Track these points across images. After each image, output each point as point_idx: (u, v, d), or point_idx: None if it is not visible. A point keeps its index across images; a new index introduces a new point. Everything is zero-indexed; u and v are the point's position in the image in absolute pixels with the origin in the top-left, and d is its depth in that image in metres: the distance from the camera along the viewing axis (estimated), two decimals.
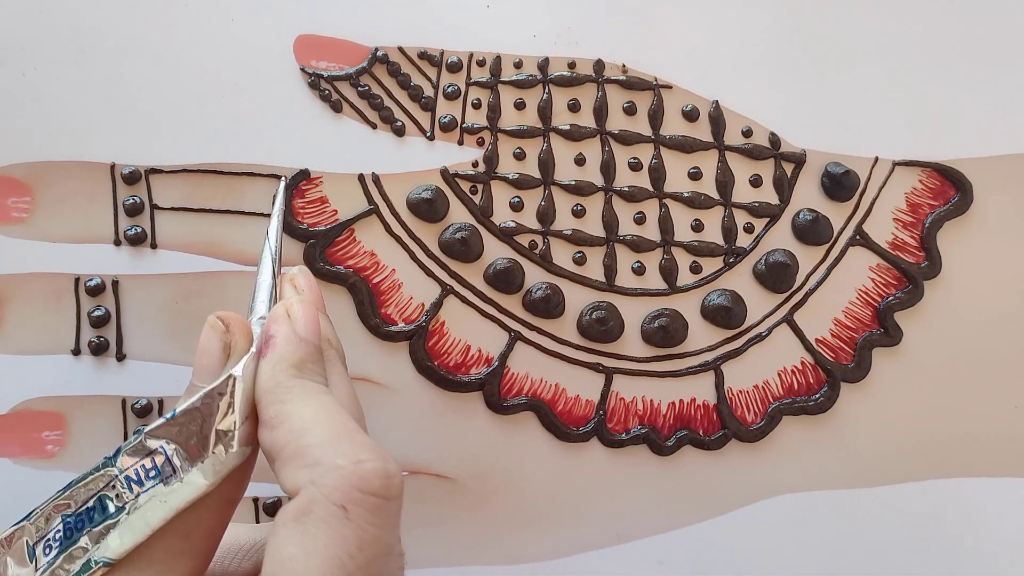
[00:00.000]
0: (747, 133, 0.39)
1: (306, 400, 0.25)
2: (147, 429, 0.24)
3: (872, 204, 0.40)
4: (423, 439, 0.37)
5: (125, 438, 0.36)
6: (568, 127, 0.39)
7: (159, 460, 0.24)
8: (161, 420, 0.24)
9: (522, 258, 0.38)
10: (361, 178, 0.38)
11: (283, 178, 0.35)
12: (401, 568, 0.25)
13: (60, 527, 0.24)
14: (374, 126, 0.38)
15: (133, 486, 0.24)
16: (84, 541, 0.23)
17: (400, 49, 0.38)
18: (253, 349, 0.26)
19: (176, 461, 0.24)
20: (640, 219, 0.39)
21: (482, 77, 0.39)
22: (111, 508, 0.24)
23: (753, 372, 0.39)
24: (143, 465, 0.24)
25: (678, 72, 0.39)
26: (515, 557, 0.37)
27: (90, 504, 0.24)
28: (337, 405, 0.25)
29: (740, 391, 0.38)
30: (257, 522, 0.37)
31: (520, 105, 0.39)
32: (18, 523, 0.24)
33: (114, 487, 0.24)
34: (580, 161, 0.39)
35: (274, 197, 0.32)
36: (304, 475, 0.23)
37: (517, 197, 0.38)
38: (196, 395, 0.25)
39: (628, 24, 0.39)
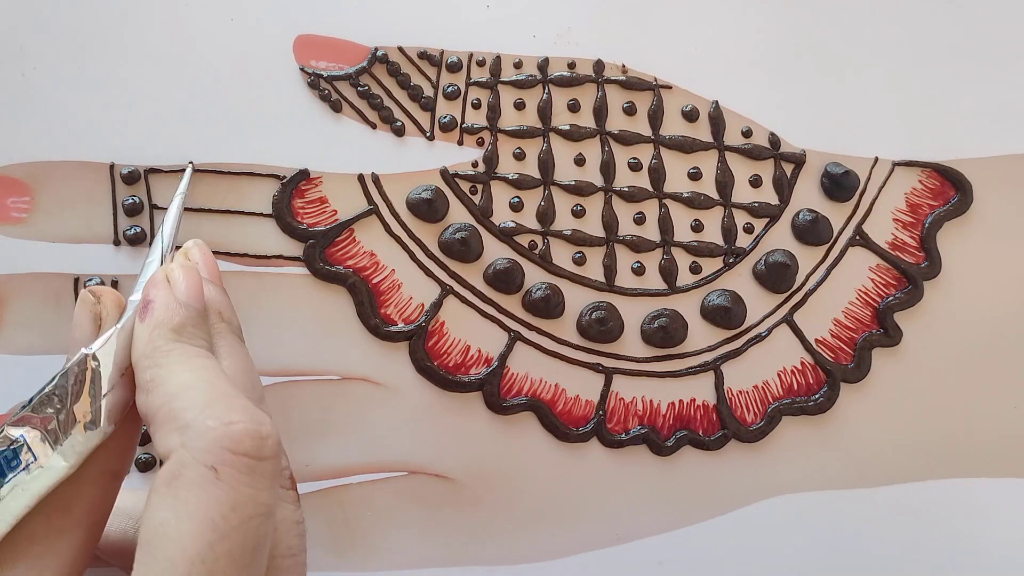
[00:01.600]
0: (747, 133, 0.39)
1: (183, 363, 0.25)
2: (8, 420, 0.24)
3: (872, 204, 0.40)
4: (422, 439, 0.37)
5: None
6: (568, 127, 0.39)
7: (20, 449, 0.24)
8: (21, 409, 0.25)
9: (522, 258, 0.38)
10: (361, 178, 0.38)
11: (190, 164, 0.35)
12: (299, 535, 0.25)
13: None
14: (374, 126, 0.38)
15: None
16: None
17: (400, 49, 0.38)
18: (121, 321, 0.26)
19: (37, 448, 0.24)
20: (640, 219, 0.39)
21: (482, 77, 0.39)
22: None
23: (753, 372, 0.39)
24: (4, 456, 0.24)
25: (678, 72, 0.39)
26: (515, 557, 0.37)
27: None
28: (216, 369, 0.25)
29: (740, 391, 0.38)
30: None
31: (520, 105, 0.39)
32: None
33: None
34: (580, 161, 0.39)
35: (181, 178, 0.33)
36: (175, 438, 0.22)
37: (517, 197, 0.38)
38: (52, 379, 0.25)
39: (628, 24, 0.39)
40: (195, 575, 0.21)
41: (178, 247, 0.31)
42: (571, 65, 0.39)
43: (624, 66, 0.39)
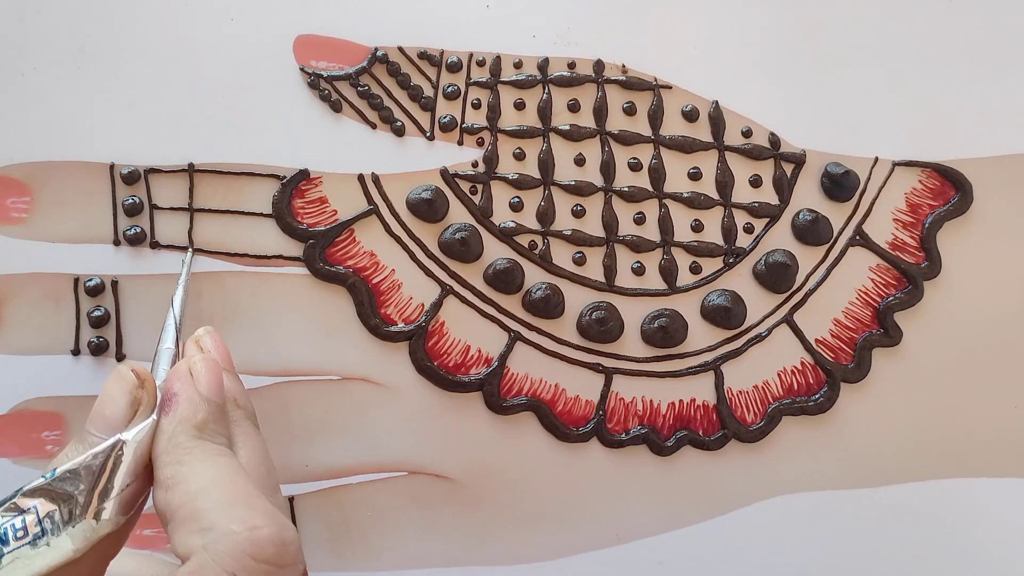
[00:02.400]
0: (747, 133, 0.39)
1: (204, 462, 0.25)
2: (25, 488, 0.24)
3: (872, 204, 0.40)
4: (423, 439, 0.37)
5: None
6: (568, 127, 0.39)
7: (30, 519, 0.24)
8: (41, 478, 0.24)
9: (522, 258, 0.38)
10: (361, 178, 0.38)
11: (189, 250, 0.35)
12: None
13: None
14: (374, 126, 0.38)
15: (0, 546, 0.23)
16: None
17: (400, 49, 0.38)
18: (153, 416, 0.26)
19: (47, 523, 0.24)
20: (640, 219, 0.39)
21: (482, 77, 0.39)
22: None
23: (753, 372, 0.39)
24: (12, 524, 0.24)
25: (678, 72, 0.39)
26: (515, 557, 0.37)
27: None
28: (237, 468, 0.25)
29: (740, 391, 0.38)
30: None
31: (520, 105, 0.39)
32: None
33: None
34: (580, 161, 0.39)
35: (182, 263, 0.33)
36: (196, 539, 0.22)
37: (517, 197, 0.38)
38: (80, 457, 0.24)
39: (628, 24, 0.39)
40: None
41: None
42: (571, 65, 0.39)
43: (624, 66, 0.39)
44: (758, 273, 0.39)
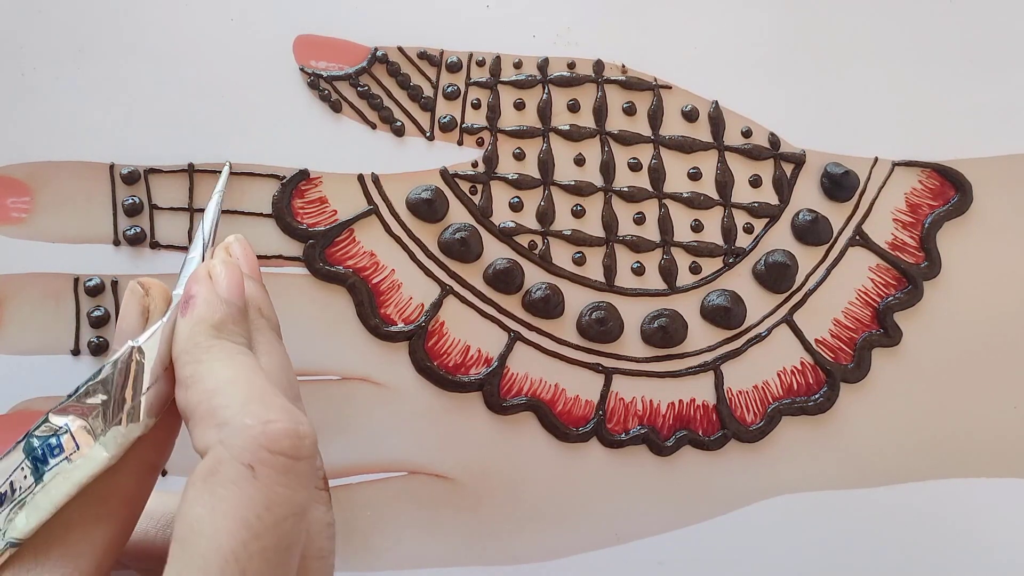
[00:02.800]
0: (747, 133, 0.39)
1: (223, 360, 0.25)
2: (54, 409, 0.24)
3: (872, 204, 0.40)
4: (422, 439, 0.37)
5: None
6: (568, 127, 0.39)
7: (64, 437, 0.24)
8: (66, 397, 0.25)
9: (522, 258, 0.38)
10: (361, 178, 0.38)
11: (227, 163, 0.34)
12: (329, 537, 0.25)
13: None
14: (373, 126, 0.38)
15: (39, 465, 0.24)
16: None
17: (400, 49, 0.38)
18: (167, 315, 0.26)
19: (80, 437, 0.24)
20: (640, 219, 0.39)
21: (482, 77, 0.39)
22: (20, 488, 0.24)
23: (753, 372, 0.39)
24: (48, 443, 0.24)
25: (678, 72, 0.39)
26: (515, 557, 0.37)
27: (1, 488, 0.24)
28: (255, 366, 0.25)
29: (740, 391, 0.38)
30: None
31: (520, 105, 0.39)
32: None
33: (23, 469, 0.24)
34: (580, 161, 0.39)
35: (220, 175, 0.32)
36: (213, 435, 0.23)
37: (517, 197, 0.38)
38: (99, 368, 0.25)
39: (628, 24, 0.39)
40: (228, 573, 0.21)
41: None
42: (571, 65, 0.39)
43: (624, 66, 0.39)
44: (758, 273, 0.39)
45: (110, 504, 0.24)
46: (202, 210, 0.37)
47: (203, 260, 0.29)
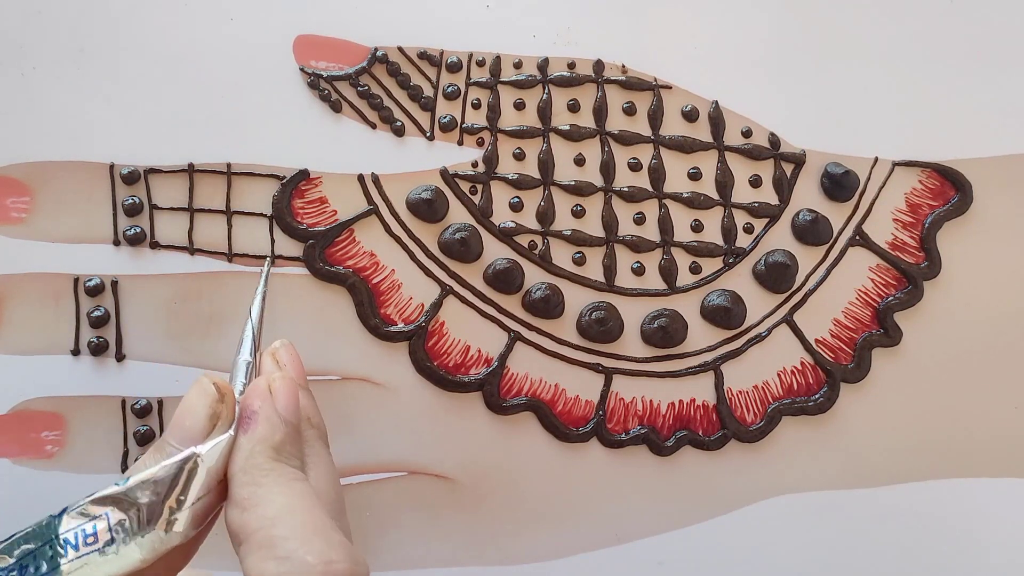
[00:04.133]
0: (747, 133, 0.39)
1: (281, 487, 0.25)
2: (97, 494, 0.24)
3: (872, 204, 0.40)
4: (422, 439, 0.37)
5: (125, 439, 0.36)
6: (568, 127, 0.39)
7: (100, 526, 0.24)
8: (114, 486, 0.24)
9: (522, 258, 0.38)
10: (361, 178, 0.38)
11: (268, 259, 0.35)
12: None
13: None
14: (374, 126, 0.38)
15: (69, 550, 0.23)
16: None
17: (400, 49, 0.38)
18: (231, 432, 0.26)
19: (117, 531, 0.24)
20: (640, 219, 0.39)
21: (482, 77, 0.39)
22: (44, 568, 0.23)
23: (753, 372, 0.39)
24: (83, 529, 0.24)
25: (678, 72, 0.39)
26: (515, 557, 0.37)
27: (24, 561, 0.24)
28: (313, 496, 0.25)
29: (740, 391, 0.38)
30: None
31: (520, 105, 0.39)
32: None
33: (51, 547, 0.23)
34: (580, 161, 0.39)
35: (261, 274, 0.32)
36: (272, 567, 0.23)
37: (517, 197, 0.38)
38: (155, 467, 0.24)
39: (628, 24, 0.39)
40: None
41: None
42: (571, 65, 0.39)
43: (624, 66, 0.39)
44: (758, 273, 0.39)
45: None
46: (203, 210, 0.37)
47: (254, 360, 0.29)
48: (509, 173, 0.38)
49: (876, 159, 0.40)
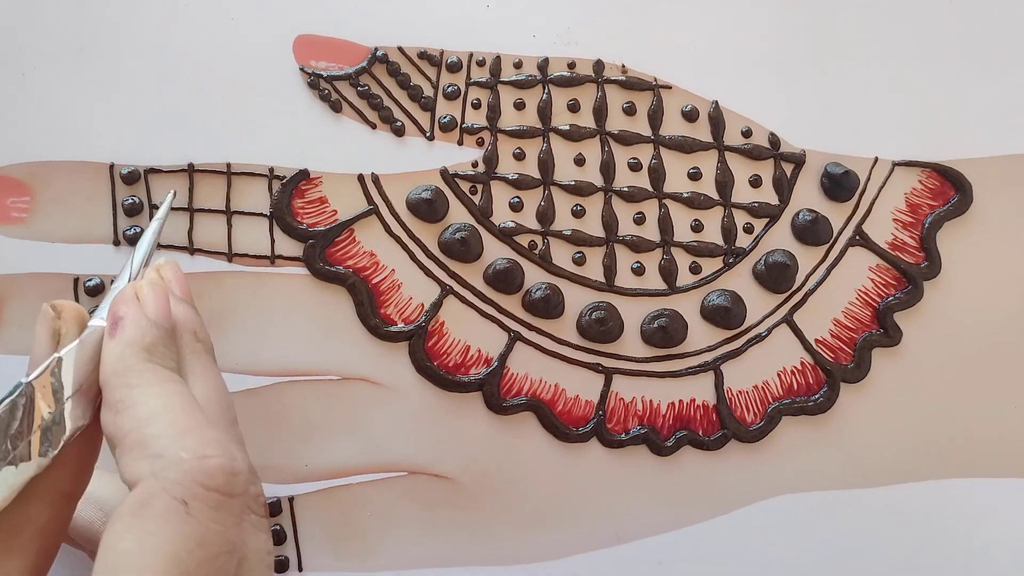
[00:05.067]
0: (747, 133, 0.39)
1: (155, 387, 0.24)
2: None
3: (872, 204, 0.40)
4: (422, 439, 0.37)
5: None
6: (568, 127, 0.39)
7: None
8: None
9: (522, 258, 0.38)
10: (361, 178, 0.38)
11: (172, 192, 0.33)
12: (268, 565, 0.25)
13: None
14: (374, 126, 0.38)
15: None
16: None
17: (400, 49, 0.38)
18: (76, 340, 0.25)
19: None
20: (640, 219, 0.39)
21: (482, 77, 0.39)
22: None
23: (753, 372, 0.39)
24: None
25: (678, 72, 0.39)
26: (514, 557, 0.37)
27: None
28: (188, 395, 0.25)
29: (740, 391, 0.38)
30: None
31: (520, 105, 0.39)
32: None
33: None
34: (580, 161, 0.39)
35: (161, 203, 0.32)
36: (145, 466, 0.22)
37: (517, 197, 0.38)
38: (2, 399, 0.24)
39: (628, 24, 0.39)
40: None
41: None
42: (571, 65, 0.39)
43: (624, 66, 0.39)
44: (758, 273, 0.39)
45: (23, 536, 0.24)
46: (203, 210, 0.37)
47: (130, 282, 0.28)
48: (509, 173, 0.38)
49: (876, 159, 0.40)
